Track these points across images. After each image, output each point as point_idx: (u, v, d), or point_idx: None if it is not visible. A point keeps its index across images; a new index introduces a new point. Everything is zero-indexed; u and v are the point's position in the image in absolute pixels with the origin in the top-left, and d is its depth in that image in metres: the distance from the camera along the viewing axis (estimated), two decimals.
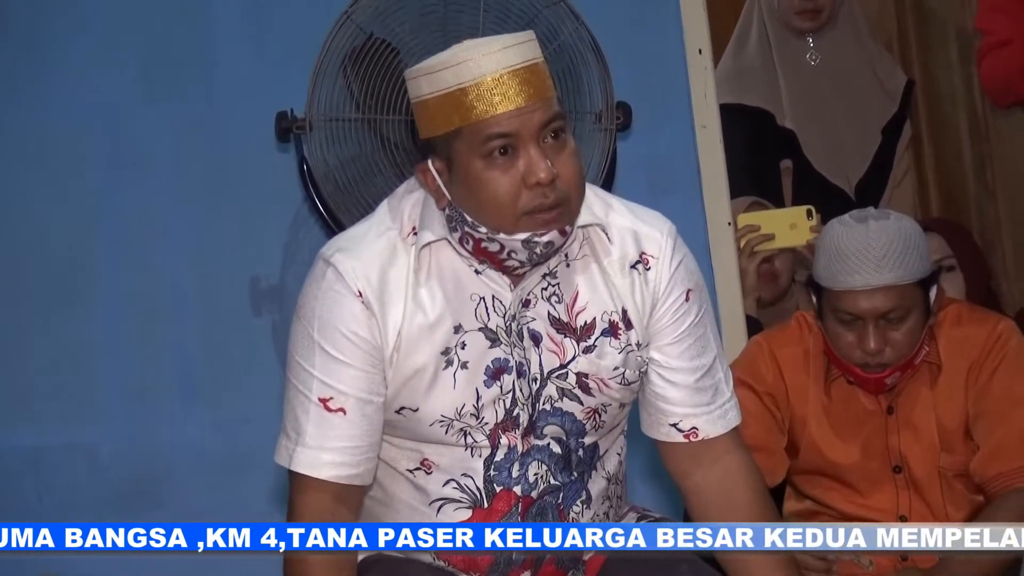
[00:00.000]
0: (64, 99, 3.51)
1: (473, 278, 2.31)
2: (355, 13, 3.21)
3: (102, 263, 3.53)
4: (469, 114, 2.19)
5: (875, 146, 4.24)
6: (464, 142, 2.21)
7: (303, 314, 2.32)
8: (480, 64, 2.19)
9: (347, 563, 2.33)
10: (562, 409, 2.35)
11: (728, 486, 2.43)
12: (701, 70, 3.55)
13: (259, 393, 3.54)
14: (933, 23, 4.48)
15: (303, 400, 2.31)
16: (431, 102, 2.22)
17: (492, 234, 2.24)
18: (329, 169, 3.25)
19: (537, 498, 2.36)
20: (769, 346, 3.01)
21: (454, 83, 2.19)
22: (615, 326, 2.35)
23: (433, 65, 2.22)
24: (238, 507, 3.49)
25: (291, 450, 2.32)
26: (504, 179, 2.21)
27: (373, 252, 2.30)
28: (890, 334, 2.84)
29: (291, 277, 3.55)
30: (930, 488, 2.93)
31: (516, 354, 2.32)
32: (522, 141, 2.20)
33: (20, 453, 3.53)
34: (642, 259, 2.36)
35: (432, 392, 2.31)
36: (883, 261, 2.81)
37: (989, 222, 4.39)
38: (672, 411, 2.41)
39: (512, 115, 2.19)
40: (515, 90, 2.19)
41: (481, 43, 2.21)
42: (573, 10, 3.28)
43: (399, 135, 3.26)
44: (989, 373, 2.91)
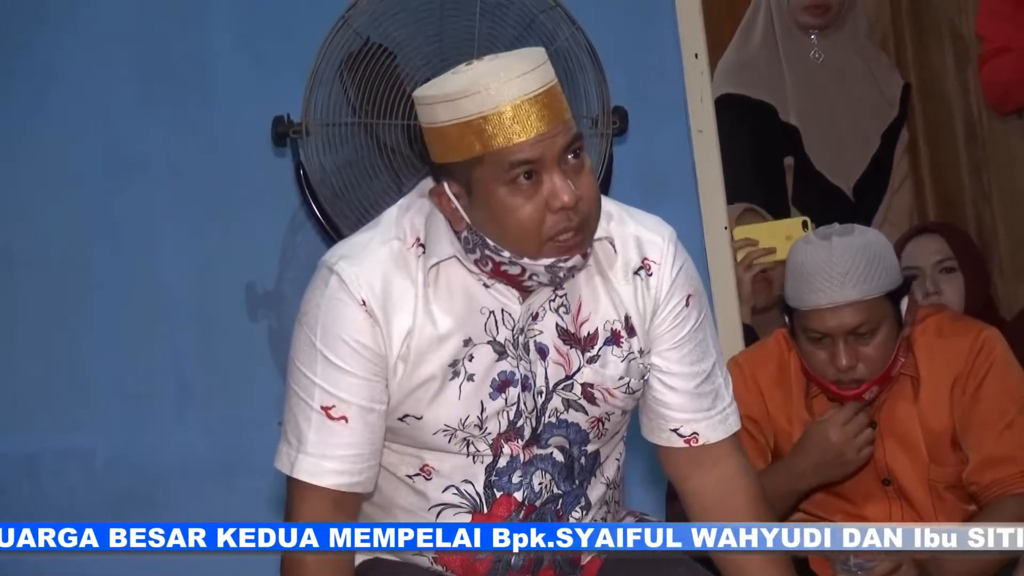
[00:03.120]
0: (61, 104, 3.51)
1: (482, 292, 2.31)
2: (352, 17, 3.20)
3: (98, 268, 3.53)
4: (491, 142, 2.18)
5: (873, 149, 4.24)
6: (486, 169, 2.20)
7: (305, 321, 2.31)
8: (501, 92, 2.18)
9: (344, 566, 2.33)
10: (567, 421, 2.35)
11: (726, 489, 2.43)
12: (697, 75, 3.54)
13: (255, 398, 3.55)
14: (930, 26, 4.48)
15: (305, 407, 2.30)
16: (449, 129, 2.21)
17: (515, 258, 2.24)
18: (326, 174, 3.25)
19: (540, 506, 2.36)
20: (749, 368, 3.01)
21: (474, 112, 2.18)
22: (617, 335, 2.36)
23: (450, 93, 2.20)
24: (234, 513, 3.47)
25: (292, 457, 2.31)
26: (529, 205, 2.21)
27: (376, 260, 2.29)
28: (861, 349, 2.84)
29: (288, 282, 3.55)
30: (921, 500, 2.93)
31: (522, 367, 2.32)
32: (545, 166, 2.20)
33: (16, 459, 3.53)
34: (644, 264, 2.37)
35: (436, 402, 2.30)
36: (846, 278, 2.81)
37: (985, 226, 4.40)
38: (673, 416, 2.42)
39: (534, 142, 2.19)
40: (536, 116, 2.19)
41: (498, 69, 2.20)
42: (569, 15, 3.27)
43: (396, 139, 3.26)
44: (976, 383, 2.91)
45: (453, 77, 2.23)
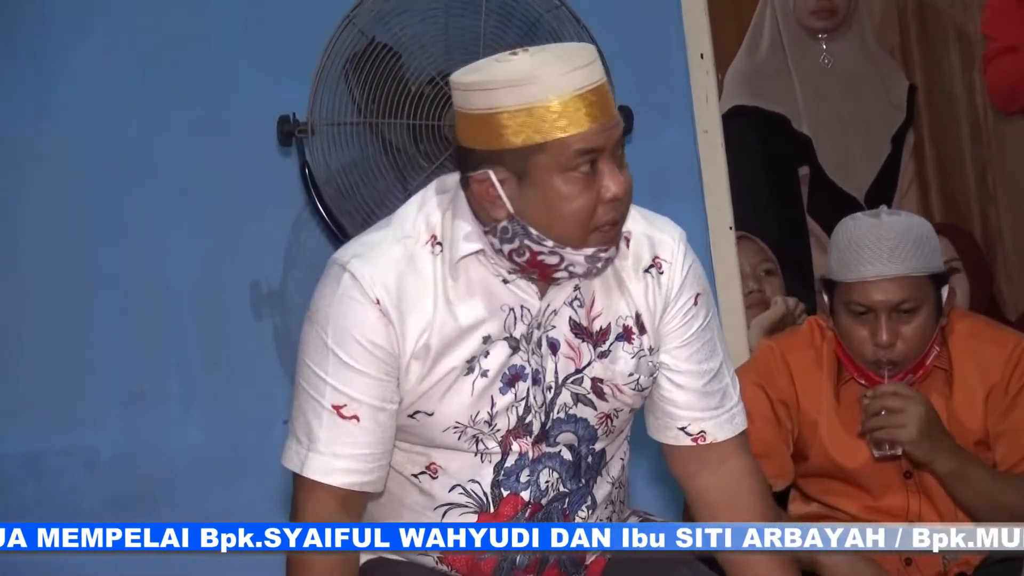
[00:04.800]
0: (65, 103, 3.51)
1: (501, 288, 2.31)
2: (357, 17, 3.21)
3: (103, 267, 3.53)
4: (556, 129, 2.19)
5: (885, 154, 4.24)
6: (547, 156, 2.20)
7: (316, 319, 2.30)
8: (569, 81, 2.19)
9: (350, 566, 2.33)
10: (576, 416, 2.35)
11: (733, 489, 2.44)
12: (703, 74, 3.55)
13: (259, 397, 3.55)
14: (935, 27, 4.48)
15: (315, 406, 2.30)
16: (509, 115, 2.20)
17: (558, 247, 2.25)
18: (331, 173, 3.26)
19: (546, 505, 2.36)
20: (780, 351, 3.00)
21: (541, 98, 2.18)
22: (628, 331, 2.36)
23: (513, 79, 2.20)
24: (237, 511, 3.48)
25: (302, 455, 2.30)
26: (584, 194, 2.22)
27: (390, 259, 2.28)
28: (902, 328, 2.85)
29: (292, 281, 3.55)
30: (942, 495, 2.92)
31: (533, 361, 2.32)
32: (602, 156, 2.22)
33: (19, 458, 3.52)
34: (655, 263, 2.37)
35: (448, 397, 2.30)
36: (896, 252, 2.82)
37: (990, 226, 4.40)
38: (680, 415, 2.42)
39: (598, 131, 2.20)
40: (598, 106, 2.20)
41: (557, 58, 2.22)
42: (575, 14, 3.28)
43: (401, 139, 3.26)
44: (1014, 394, 2.92)
45: (505, 65, 2.23)
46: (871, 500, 2.96)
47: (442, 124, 3.25)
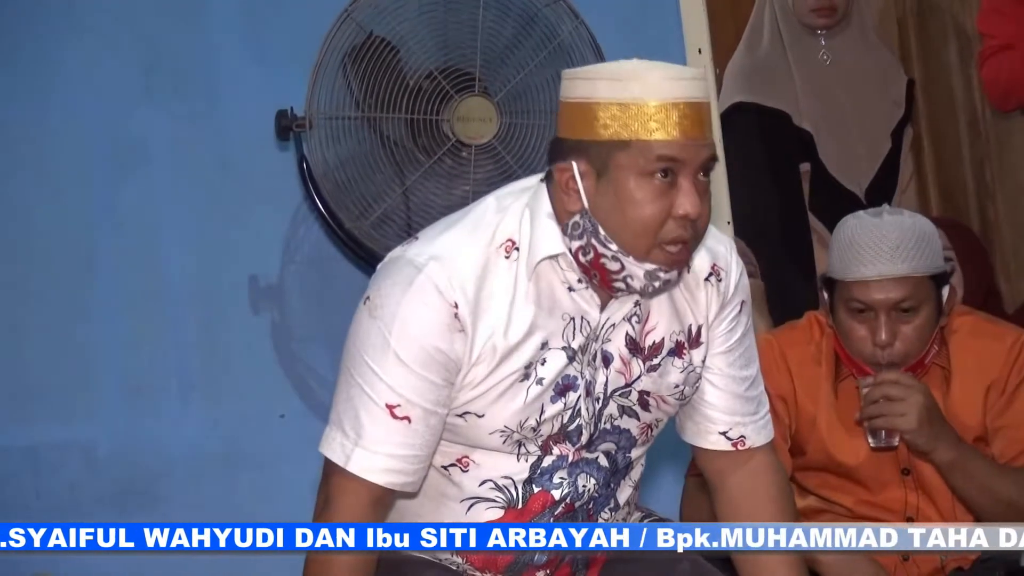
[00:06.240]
0: (64, 97, 3.50)
1: (566, 296, 2.30)
2: (355, 11, 3.21)
3: (101, 261, 3.52)
4: (645, 129, 2.19)
5: (885, 150, 4.24)
6: (630, 154, 2.19)
7: (380, 315, 2.25)
8: (669, 87, 2.19)
9: (370, 563, 2.30)
10: (620, 427, 2.37)
11: (755, 483, 2.48)
12: (700, 70, 3.54)
13: (257, 391, 3.55)
14: (934, 23, 4.48)
15: (367, 401, 2.26)
16: (603, 107, 2.20)
17: (621, 254, 2.23)
18: (329, 167, 3.26)
19: (578, 507, 2.37)
20: (779, 345, 3.01)
21: (638, 96, 2.18)
22: (680, 346, 2.38)
23: (616, 73, 2.21)
24: (235, 505, 3.49)
25: (348, 449, 2.26)
26: (656, 203, 2.20)
27: (469, 263, 2.25)
28: (901, 328, 2.85)
29: (290, 275, 3.55)
30: (940, 491, 2.93)
31: (587, 372, 2.32)
32: (683, 170, 2.20)
33: (17, 451, 3.52)
34: (714, 270, 2.38)
35: (502, 402, 2.28)
36: (897, 252, 2.82)
37: (988, 221, 4.40)
38: (722, 419, 2.44)
39: (685, 143, 2.19)
40: (692, 121, 2.19)
41: (666, 67, 2.23)
42: (572, 9, 3.28)
43: (399, 133, 3.26)
44: (1012, 389, 2.92)
45: (613, 63, 2.26)
46: (869, 495, 2.96)
47: (440, 119, 3.26)
